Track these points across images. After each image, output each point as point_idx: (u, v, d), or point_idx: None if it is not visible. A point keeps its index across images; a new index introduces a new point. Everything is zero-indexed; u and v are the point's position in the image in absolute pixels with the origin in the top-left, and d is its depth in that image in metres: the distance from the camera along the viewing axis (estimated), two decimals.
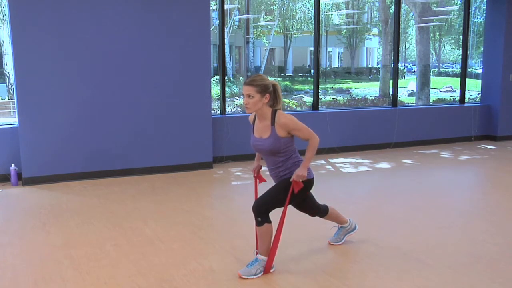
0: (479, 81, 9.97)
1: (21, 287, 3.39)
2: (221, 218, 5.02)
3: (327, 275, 3.51)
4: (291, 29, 24.59)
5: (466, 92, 9.76)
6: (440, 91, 20.53)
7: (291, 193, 3.43)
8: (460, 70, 10.00)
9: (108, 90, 6.44)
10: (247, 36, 23.77)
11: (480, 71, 11.67)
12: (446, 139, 9.13)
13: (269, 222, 3.44)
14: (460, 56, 9.97)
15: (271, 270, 3.53)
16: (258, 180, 3.79)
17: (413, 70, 27.22)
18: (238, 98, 14.93)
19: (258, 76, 3.42)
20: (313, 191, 3.67)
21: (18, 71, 6.03)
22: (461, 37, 10.40)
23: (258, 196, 3.59)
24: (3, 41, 15.15)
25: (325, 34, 24.00)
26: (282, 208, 3.52)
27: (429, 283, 3.38)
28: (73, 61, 6.23)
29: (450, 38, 29.99)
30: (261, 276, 3.46)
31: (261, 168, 3.78)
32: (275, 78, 21.95)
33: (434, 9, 17.60)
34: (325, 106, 12.92)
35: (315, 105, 8.36)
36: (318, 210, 3.80)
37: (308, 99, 13.49)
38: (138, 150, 6.69)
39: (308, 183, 3.52)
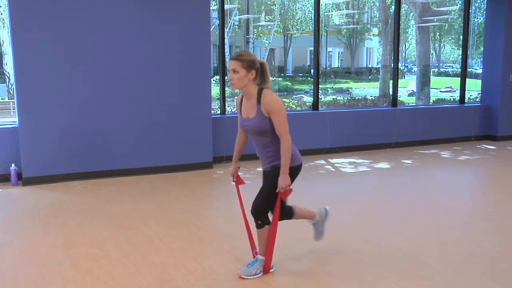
0: (479, 81, 9.96)
1: (21, 287, 3.39)
2: (221, 218, 5.02)
3: (327, 275, 3.51)
4: (291, 29, 24.55)
5: (466, 92, 9.75)
6: (440, 91, 20.51)
7: (279, 200, 3.34)
8: (460, 70, 10.00)
9: (108, 90, 6.44)
10: (247, 36, 23.74)
11: (480, 71, 11.66)
12: (446, 139, 9.13)
13: (269, 223, 3.43)
14: (460, 56, 9.96)
15: (271, 270, 3.54)
16: (238, 184, 3.70)
17: (413, 70, 27.19)
18: None
19: (245, 52, 3.33)
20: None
21: (18, 71, 6.03)
22: (461, 37, 10.40)
23: (243, 201, 3.59)
24: (3, 41, 15.11)
25: (325, 34, 23.97)
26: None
27: (429, 283, 3.38)
28: (73, 61, 6.23)
29: (450, 38, 29.95)
30: (261, 276, 3.46)
31: (239, 169, 3.69)
32: (275, 78, 21.91)
33: (434, 9, 17.58)
34: (325, 106, 12.91)
35: (315, 105, 8.36)
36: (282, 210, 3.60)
37: (308, 99, 13.47)
38: (138, 150, 6.69)
39: (295, 169, 3.39)
